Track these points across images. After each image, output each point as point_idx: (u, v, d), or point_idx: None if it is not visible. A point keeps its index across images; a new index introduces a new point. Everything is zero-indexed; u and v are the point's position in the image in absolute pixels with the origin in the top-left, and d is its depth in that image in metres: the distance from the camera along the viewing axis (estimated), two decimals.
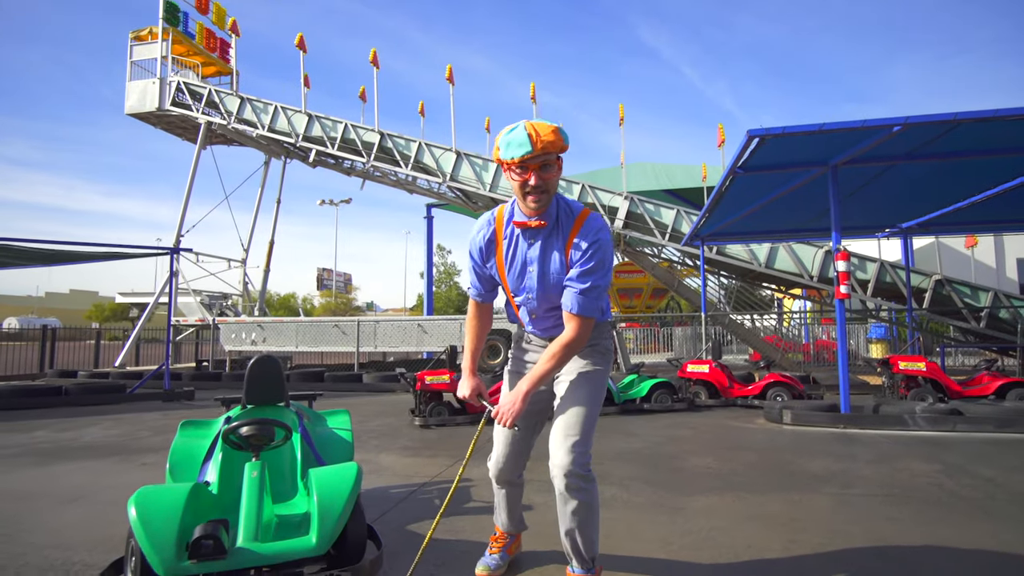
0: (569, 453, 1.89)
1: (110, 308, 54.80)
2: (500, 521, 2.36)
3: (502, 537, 2.35)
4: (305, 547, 2.08)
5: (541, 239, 1.94)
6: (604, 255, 1.90)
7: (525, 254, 1.97)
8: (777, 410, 6.16)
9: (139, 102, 16.01)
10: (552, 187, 1.88)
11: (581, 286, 1.89)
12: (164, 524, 1.97)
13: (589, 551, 1.99)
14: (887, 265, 11.35)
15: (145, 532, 1.94)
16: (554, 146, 1.80)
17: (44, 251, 9.00)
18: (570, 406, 1.97)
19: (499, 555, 2.31)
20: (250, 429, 2.42)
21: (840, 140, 5.46)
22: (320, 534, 2.10)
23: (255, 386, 2.92)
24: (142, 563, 1.96)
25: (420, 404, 6.44)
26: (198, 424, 3.07)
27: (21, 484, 3.88)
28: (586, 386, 2.01)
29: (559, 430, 1.96)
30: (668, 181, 18.90)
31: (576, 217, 1.92)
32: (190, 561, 1.92)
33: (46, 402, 8.18)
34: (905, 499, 3.35)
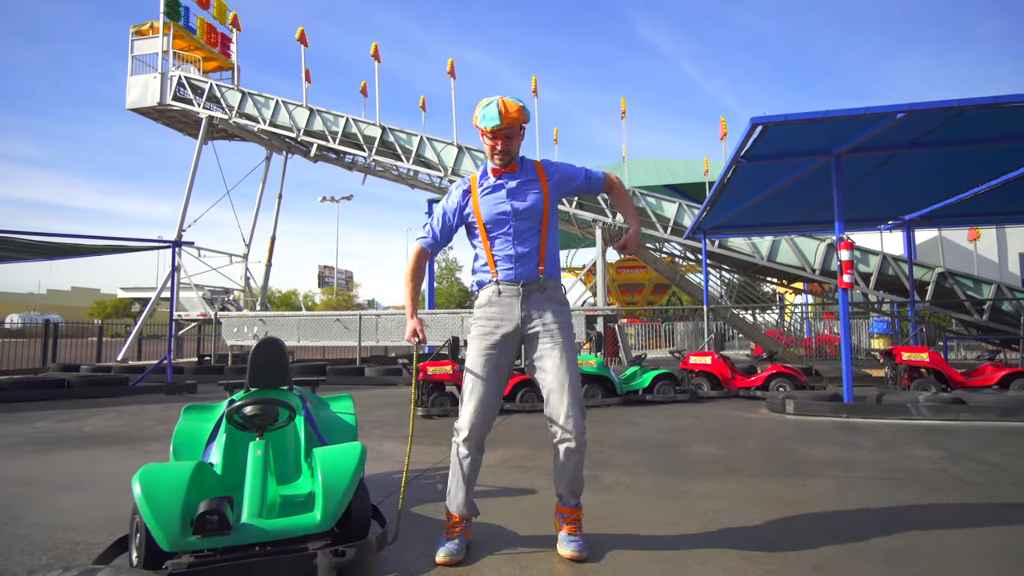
0: (582, 417, 2.25)
1: (112, 305, 54.87)
2: (455, 505, 2.34)
3: (458, 522, 2.33)
4: (310, 524, 2.08)
5: (516, 179, 2.40)
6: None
7: (505, 194, 2.38)
8: (780, 400, 6.15)
9: (140, 97, 15.99)
10: (515, 151, 2.38)
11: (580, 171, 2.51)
12: (169, 500, 1.97)
13: (581, 488, 2.36)
14: (889, 258, 11.34)
15: (150, 508, 1.93)
16: (517, 121, 2.30)
17: (46, 244, 8.99)
18: (564, 375, 2.27)
19: (458, 540, 2.29)
20: (254, 409, 2.42)
21: (843, 128, 5.43)
22: (324, 511, 2.09)
23: (259, 369, 2.91)
24: (147, 539, 1.96)
25: (422, 394, 6.44)
26: (201, 408, 3.06)
27: (23, 471, 3.88)
28: (570, 355, 2.32)
29: (564, 397, 2.24)
30: (670, 176, 18.87)
31: (535, 164, 2.46)
32: (195, 536, 1.91)
33: (48, 394, 8.18)
34: (909, 483, 3.34)
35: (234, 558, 1.95)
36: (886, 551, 2.30)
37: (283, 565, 1.97)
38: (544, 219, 2.38)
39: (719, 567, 2.15)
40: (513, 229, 2.36)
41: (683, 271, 17.26)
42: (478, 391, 2.31)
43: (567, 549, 2.23)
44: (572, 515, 2.31)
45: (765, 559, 2.23)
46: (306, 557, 1.96)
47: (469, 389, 2.33)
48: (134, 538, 2.07)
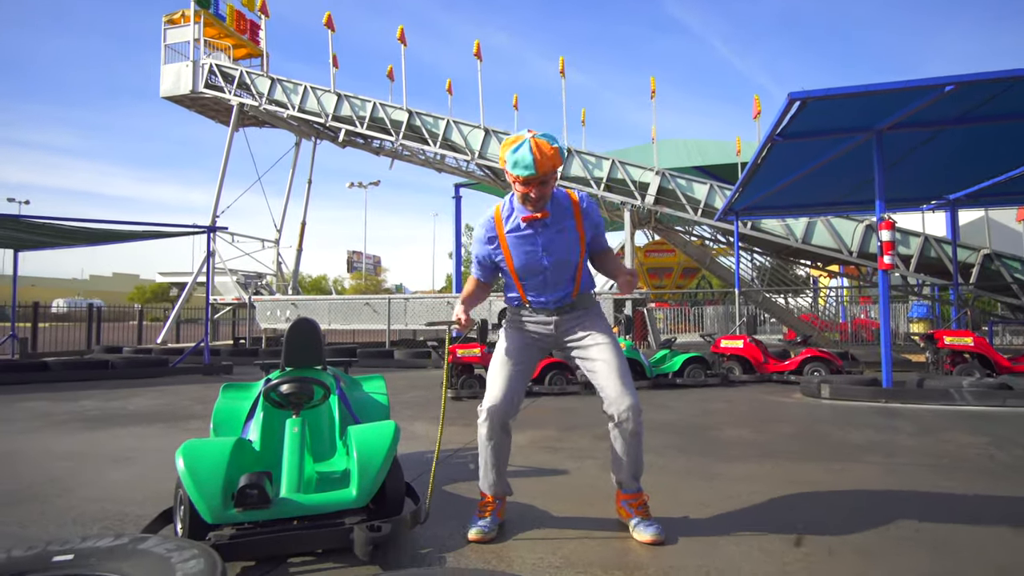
0: (635, 395, 2.27)
1: (151, 290, 56.66)
2: (486, 485, 2.35)
3: (490, 502, 2.35)
4: (346, 499, 2.13)
5: (549, 224, 2.26)
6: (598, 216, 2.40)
7: (536, 240, 2.28)
8: (815, 384, 6.02)
9: (174, 85, 16.30)
10: (549, 196, 2.24)
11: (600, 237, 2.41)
12: (211, 474, 2.03)
13: (641, 472, 2.34)
14: (932, 239, 10.92)
15: (193, 482, 2.00)
16: (554, 166, 2.14)
17: (86, 230, 9.29)
18: (614, 362, 2.31)
19: (490, 519, 2.30)
20: (290, 387, 2.47)
21: (887, 102, 5.21)
22: (360, 487, 2.14)
23: (294, 349, 2.97)
24: (191, 511, 2.02)
25: (452, 377, 6.49)
26: (239, 387, 3.14)
27: (73, 446, 4.05)
28: (615, 345, 2.37)
29: (616, 380, 2.27)
30: (700, 157, 18.46)
31: (570, 200, 2.31)
32: (236, 509, 1.97)
33: (93, 375, 8.51)
34: (953, 469, 3.24)
35: (274, 531, 2.01)
36: (930, 538, 2.23)
37: (321, 538, 2.03)
38: (580, 262, 2.35)
39: (755, 547, 2.12)
40: (548, 278, 2.32)
41: (714, 254, 16.97)
42: (504, 373, 2.34)
43: (646, 534, 2.17)
44: (638, 499, 2.29)
45: (803, 541, 2.19)
46: (343, 531, 2.01)
47: (495, 371, 2.36)
48: (178, 510, 2.13)
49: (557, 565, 2.01)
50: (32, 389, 7.27)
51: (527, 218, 2.25)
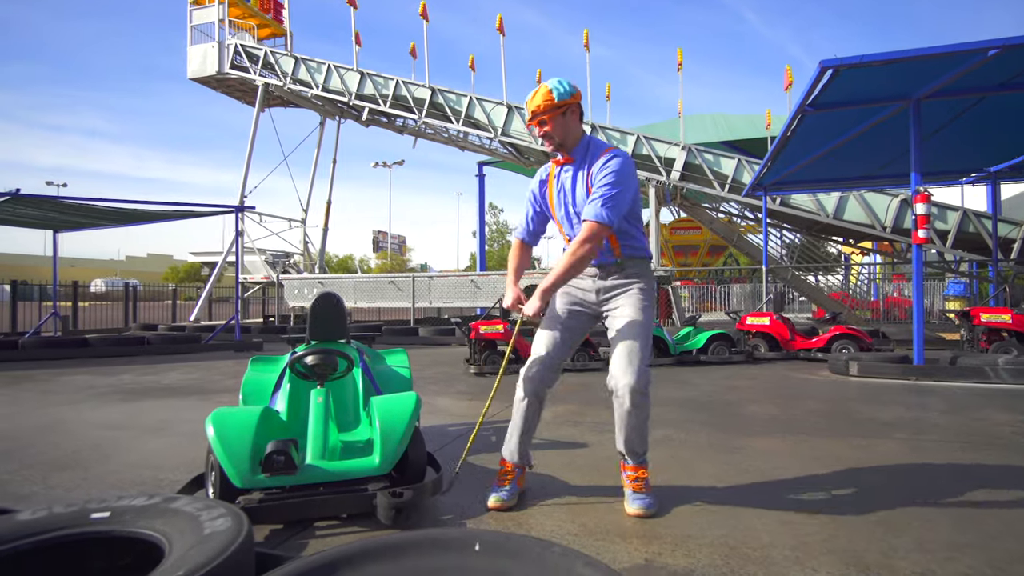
0: (635, 375, 2.16)
1: (184, 270, 58.13)
2: (508, 452, 2.38)
3: (509, 470, 2.36)
4: (369, 466, 2.19)
5: (572, 170, 2.32)
6: (616, 179, 2.19)
7: (565, 187, 2.35)
8: (843, 362, 5.91)
9: (200, 67, 16.48)
10: (557, 134, 2.28)
11: (592, 196, 2.21)
12: (239, 440, 2.10)
13: (642, 447, 2.29)
14: (970, 214, 10.52)
15: (222, 447, 2.07)
16: (542, 108, 2.24)
17: (121, 211, 9.56)
18: (628, 337, 2.23)
19: (510, 487, 2.32)
20: (315, 358, 2.53)
21: (924, 69, 5.00)
22: (383, 455, 2.19)
23: (318, 322, 3.03)
24: (221, 476, 2.10)
25: (475, 353, 6.55)
26: (267, 360, 3.24)
27: (113, 417, 4.22)
28: (640, 319, 2.27)
29: (622, 356, 2.20)
30: (728, 132, 18.01)
31: (599, 154, 2.26)
32: (263, 475, 2.04)
33: (131, 351, 8.82)
34: (984, 446, 3.17)
35: (300, 495, 2.07)
36: (956, 511, 2.20)
37: (346, 503, 2.10)
38: None
39: (775, 520, 2.12)
40: (572, 219, 2.33)
41: (741, 231, 16.64)
42: (544, 342, 2.35)
43: (632, 506, 2.20)
44: (636, 472, 2.27)
45: (823, 513, 2.18)
46: (367, 497, 2.07)
47: (538, 336, 2.38)
48: (209, 476, 2.22)
49: (575, 532, 2.04)
50: (74, 364, 7.57)
51: (556, 161, 2.37)
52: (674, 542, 1.94)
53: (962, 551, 1.86)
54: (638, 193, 2.34)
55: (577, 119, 2.31)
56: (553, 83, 2.26)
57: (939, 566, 1.76)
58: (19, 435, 3.62)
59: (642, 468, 2.29)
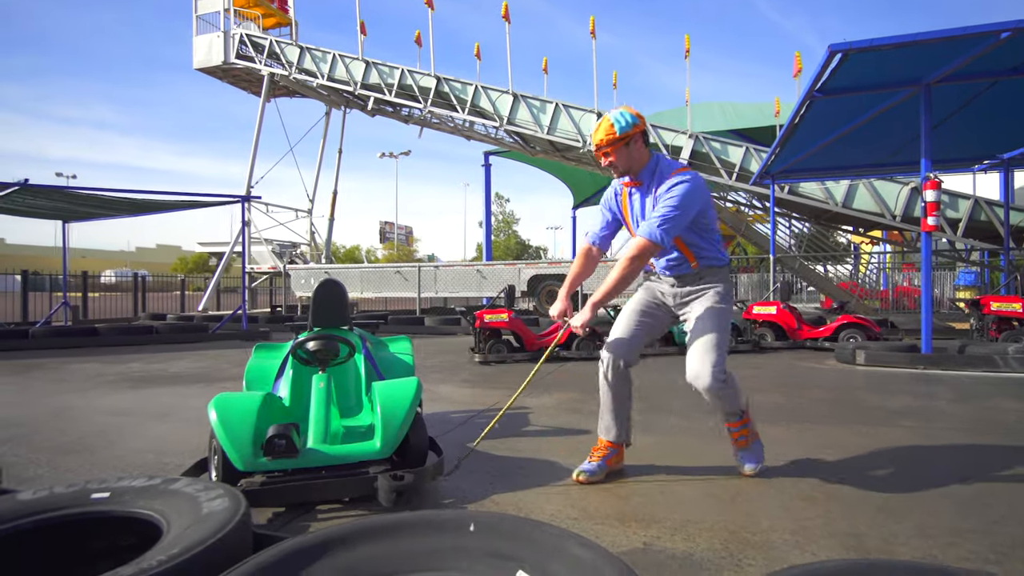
0: (710, 376, 2.26)
1: (193, 260, 58.49)
2: (603, 429, 2.47)
3: (603, 447, 2.45)
4: (370, 450, 2.21)
5: (640, 193, 2.44)
6: (677, 198, 2.26)
7: (635, 207, 2.47)
8: (850, 351, 5.87)
9: (206, 57, 16.46)
10: (622, 163, 2.37)
11: (651, 216, 2.32)
12: (241, 425, 2.12)
13: (735, 409, 2.44)
14: (982, 202, 10.37)
15: (225, 432, 2.09)
16: (604, 142, 2.33)
17: (129, 200, 9.61)
18: (704, 334, 2.34)
19: (598, 463, 2.41)
20: (316, 344, 2.54)
21: (935, 53, 4.91)
22: (384, 439, 2.21)
23: (321, 309, 3.04)
24: (224, 460, 2.12)
25: (480, 342, 6.56)
26: (270, 347, 3.25)
27: (120, 404, 4.27)
28: (716, 318, 2.37)
29: (696, 352, 2.32)
30: (737, 120, 17.82)
31: (667, 175, 2.34)
32: (265, 458, 2.05)
33: (139, 340, 8.90)
34: (991, 433, 3.14)
35: (302, 479, 2.09)
36: (960, 497, 2.18)
37: (347, 486, 2.11)
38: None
39: (776, 506, 2.11)
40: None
41: (750, 221, 16.51)
42: (626, 326, 2.47)
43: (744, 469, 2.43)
44: (737, 429, 2.46)
45: (825, 499, 2.17)
46: (368, 480, 2.09)
47: (618, 324, 2.50)
48: (212, 459, 2.23)
49: (575, 516, 2.04)
50: (84, 352, 7.65)
51: (627, 184, 2.49)
52: (673, 526, 1.94)
53: (964, 536, 1.84)
54: (710, 208, 2.39)
55: (641, 147, 2.37)
56: (615, 115, 2.33)
57: (940, 551, 1.75)
58: (28, 421, 3.67)
59: (743, 421, 2.46)
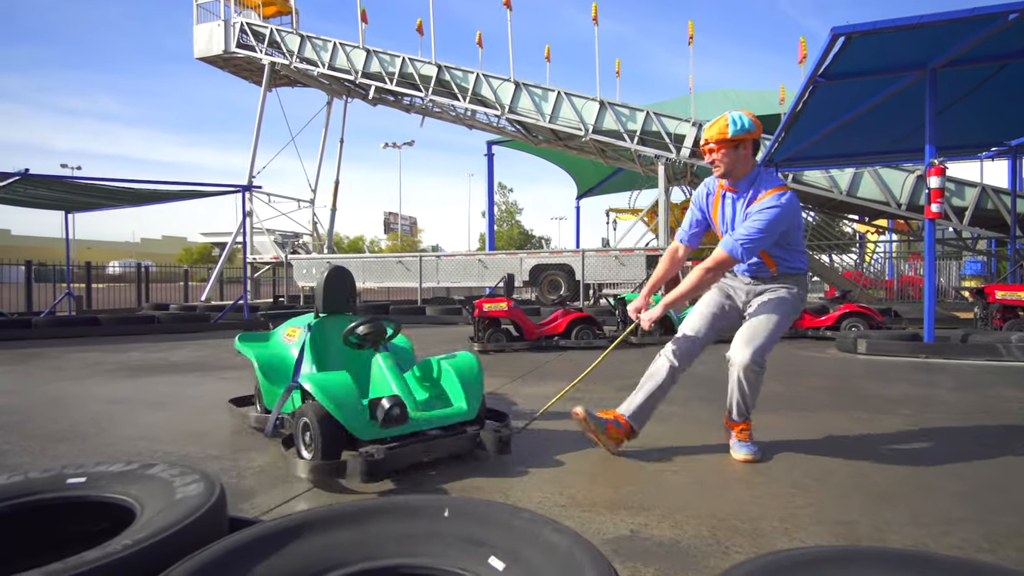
0: (752, 353, 2.36)
1: (197, 251, 58.72)
2: (629, 407, 2.52)
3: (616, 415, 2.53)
4: (460, 413, 2.49)
5: (733, 199, 2.50)
6: (767, 224, 2.33)
7: (726, 211, 2.53)
8: (851, 340, 5.82)
9: (207, 46, 16.39)
10: (725, 164, 2.41)
11: (737, 230, 2.38)
12: (352, 401, 2.26)
13: (744, 412, 2.50)
14: (989, 190, 10.23)
15: (339, 409, 2.20)
16: (714, 138, 2.38)
17: (129, 190, 9.59)
18: (758, 319, 2.45)
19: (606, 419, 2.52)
20: (367, 328, 2.65)
21: (940, 36, 4.81)
22: (469, 402, 2.51)
23: (330, 295, 3.07)
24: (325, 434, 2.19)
25: (479, 331, 6.54)
26: (253, 336, 3.29)
27: (116, 392, 4.27)
28: (772, 306, 2.46)
29: (744, 334, 2.43)
30: (742, 108, 17.64)
31: (764, 192, 2.38)
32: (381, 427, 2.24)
33: (141, 329, 8.93)
34: (993, 423, 3.10)
35: (419, 440, 2.31)
36: (955, 485, 2.15)
37: (459, 443, 2.39)
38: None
39: (767, 493, 2.08)
40: None
41: None
42: (696, 322, 2.58)
43: (739, 453, 2.45)
44: (737, 427, 2.51)
45: (818, 487, 2.14)
46: (472, 436, 2.41)
47: (690, 319, 2.60)
48: (301, 436, 2.32)
49: (562, 504, 2.01)
50: (86, 342, 7.68)
51: (723, 187, 2.53)
52: (662, 514, 1.91)
53: (958, 525, 1.81)
54: (797, 228, 2.48)
55: (749, 154, 2.41)
56: (734, 116, 2.39)
57: (933, 540, 1.72)
58: (23, 409, 3.67)
59: (744, 423, 2.50)
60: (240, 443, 2.85)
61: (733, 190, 2.48)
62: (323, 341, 2.98)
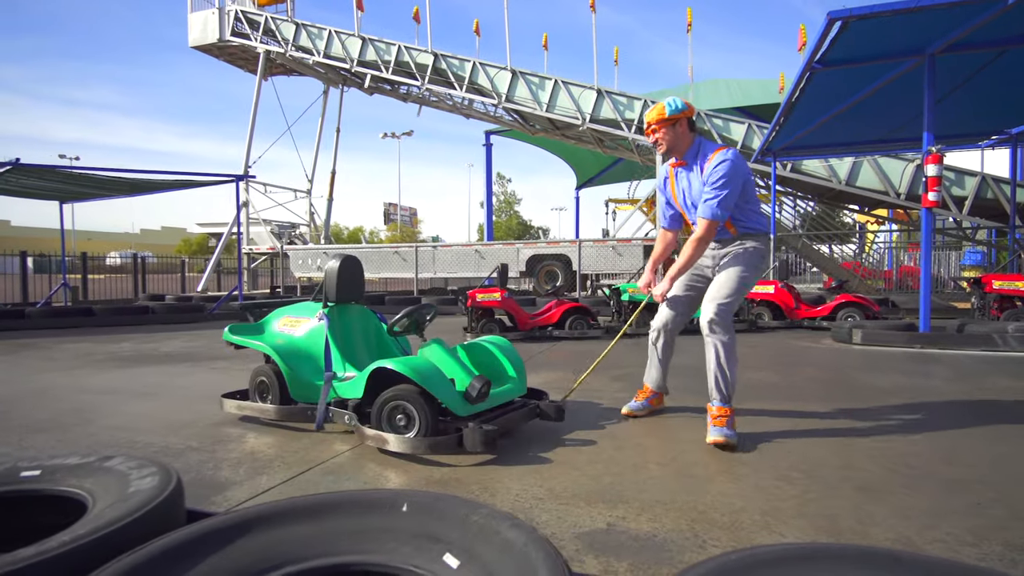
0: (713, 307, 2.64)
1: (196, 242, 58.61)
2: (650, 379, 3.06)
3: (647, 391, 3.07)
4: (519, 390, 2.79)
5: (687, 172, 2.80)
6: (725, 179, 2.60)
7: (681, 184, 2.84)
8: (847, 330, 5.77)
9: (201, 34, 16.23)
10: (668, 141, 2.74)
11: (705, 197, 2.65)
12: (447, 383, 2.46)
13: (722, 391, 2.63)
14: (989, 179, 10.14)
15: (440, 390, 2.39)
16: (653, 120, 2.74)
17: (121, 180, 9.51)
18: (718, 277, 2.76)
19: (643, 402, 3.04)
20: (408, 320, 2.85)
21: (939, 20, 4.72)
22: (520, 379, 2.81)
23: (344, 284, 3.05)
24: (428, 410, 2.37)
25: (472, 321, 6.49)
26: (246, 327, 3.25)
27: (104, 383, 4.23)
28: (731, 264, 2.74)
29: (708, 294, 2.74)
30: (743, 98, 17.46)
31: (709, 156, 2.69)
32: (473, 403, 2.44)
33: (135, 320, 8.89)
34: (986, 414, 3.05)
35: (502, 413, 2.57)
36: (944, 479, 2.11)
37: (527, 415, 2.67)
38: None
39: (750, 486, 2.04)
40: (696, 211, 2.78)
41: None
42: (675, 301, 2.93)
43: (710, 436, 2.53)
44: (716, 412, 2.61)
45: (803, 480, 2.09)
46: (535, 408, 2.70)
47: (670, 299, 2.93)
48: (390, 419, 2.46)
49: (540, 496, 1.97)
50: (79, 333, 7.65)
51: (674, 165, 2.86)
52: (641, 507, 1.87)
53: (944, 518, 1.77)
54: (749, 179, 2.73)
55: (686, 130, 2.74)
56: (669, 100, 2.75)
57: (916, 533, 1.67)
58: (8, 399, 3.64)
59: (723, 408, 2.60)
60: (221, 434, 2.81)
61: (683, 163, 2.79)
62: (342, 330, 3.01)
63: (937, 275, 13.67)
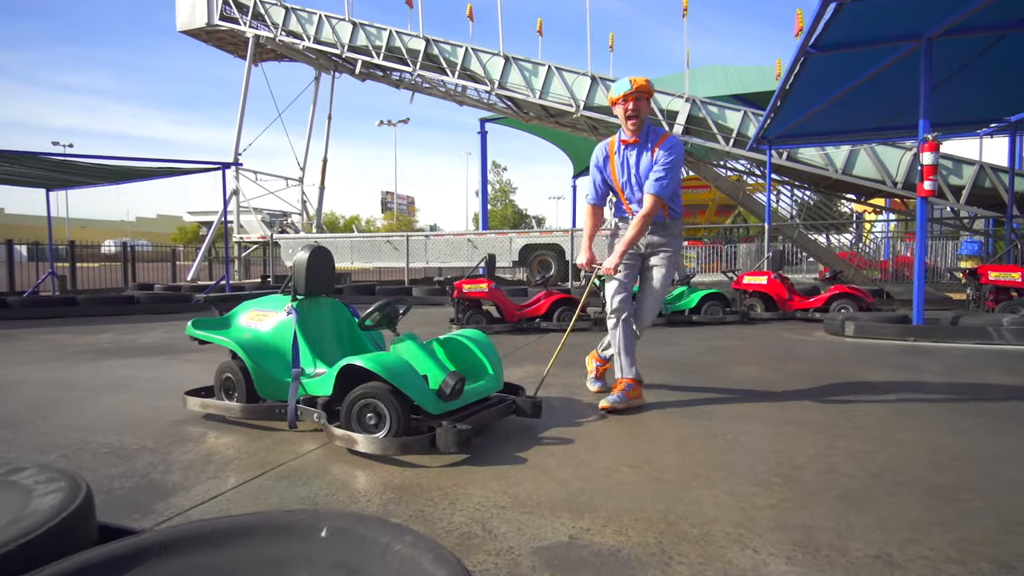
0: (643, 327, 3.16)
1: (191, 231, 58.28)
2: (622, 368, 3.04)
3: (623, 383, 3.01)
4: (495, 386, 2.72)
5: (637, 150, 2.98)
6: (674, 162, 2.91)
7: (629, 162, 3.01)
8: (839, 322, 5.66)
9: (189, 18, 15.91)
10: (643, 115, 2.91)
11: (656, 176, 2.90)
12: (419, 380, 2.37)
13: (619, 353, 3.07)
14: (987, 168, 9.99)
15: (412, 388, 2.30)
16: (643, 89, 2.89)
17: (106, 167, 9.31)
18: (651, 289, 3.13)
19: (619, 395, 2.96)
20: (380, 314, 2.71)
21: (938, 2, 4.55)
22: (497, 375, 2.75)
23: (313, 276, 2.93)
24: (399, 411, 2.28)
25: (459, 312, 6.37)
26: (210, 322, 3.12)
27: (74, 376, 4.11)
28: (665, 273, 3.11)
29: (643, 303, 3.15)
30: (740, 85, 17.25)
31: (660, 138, 2.95)
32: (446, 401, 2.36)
33: (119, 310, 8.75)
34: (977, 412, 2.94)
35: (478, 409, 2.52)
36: (931, 485, 2.00)
37: (503, 411, 2.63)
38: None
39: (726, 492, 1.93)
40: (639, 191, 3.00)
41: (750, 190, 16.11)
42: (616, 285, 3.06)
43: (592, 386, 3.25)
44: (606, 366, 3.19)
45: (782, 485, 1.99)
46: (511, 404, 2.66)
47: (611, 285, 3.07)
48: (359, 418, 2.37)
49: (502, 505, 1.86)
50: (60, 323, 7.52)
51: (625, 141, 3.00)
52: (607, 516, 1.76)
53: (928, 531, 1.66)
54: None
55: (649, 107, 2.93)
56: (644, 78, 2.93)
57: (898, 548, 1.56)
58: None
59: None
60: (181, 433, 2.69)
61: (635, 141, 2.96)
62: (311, 325, 2.88)
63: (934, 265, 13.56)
